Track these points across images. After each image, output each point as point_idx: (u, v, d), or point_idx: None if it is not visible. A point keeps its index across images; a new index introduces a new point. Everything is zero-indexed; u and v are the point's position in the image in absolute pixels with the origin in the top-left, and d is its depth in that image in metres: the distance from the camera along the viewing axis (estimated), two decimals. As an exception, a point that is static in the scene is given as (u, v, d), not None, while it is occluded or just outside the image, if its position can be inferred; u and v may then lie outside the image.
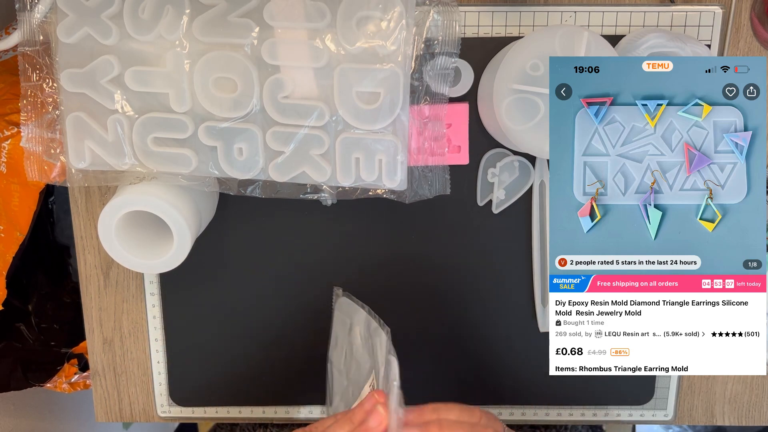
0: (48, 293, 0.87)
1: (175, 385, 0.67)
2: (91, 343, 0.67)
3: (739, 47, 0.59)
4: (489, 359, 0.65)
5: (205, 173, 0.54)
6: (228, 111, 0.52)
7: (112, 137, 0.53)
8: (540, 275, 0.62)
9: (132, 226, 0.55)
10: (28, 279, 0.85)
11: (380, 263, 0.63)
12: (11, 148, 0.69)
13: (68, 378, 0.86)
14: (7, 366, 0.83)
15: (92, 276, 0.65)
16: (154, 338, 0.66)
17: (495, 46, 0.56)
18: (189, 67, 0.51)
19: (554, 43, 0.48)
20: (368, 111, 0.52)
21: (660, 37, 0.52)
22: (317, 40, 0.51)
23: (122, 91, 0.52)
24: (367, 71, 0.51)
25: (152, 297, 0.65)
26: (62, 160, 0.54)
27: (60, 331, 0.86)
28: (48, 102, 0.53)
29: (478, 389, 0.66)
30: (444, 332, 0.64)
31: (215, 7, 0.50)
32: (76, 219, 0.63)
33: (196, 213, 0.55)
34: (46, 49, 0.52)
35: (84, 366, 0.85)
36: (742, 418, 0.68)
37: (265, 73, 0.51)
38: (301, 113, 0.52)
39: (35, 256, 0.84)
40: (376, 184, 0.54)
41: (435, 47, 0.52)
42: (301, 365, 0.66)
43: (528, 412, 0.67)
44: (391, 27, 0.50)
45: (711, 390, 0.67)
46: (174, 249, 0.54)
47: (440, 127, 0.54)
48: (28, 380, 0.84)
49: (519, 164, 0.60)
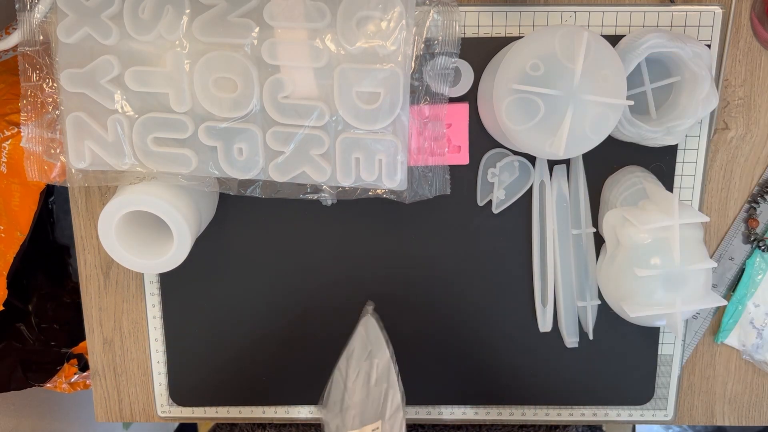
0: (48, 293, 0.87)
1: (175, 385, 0.67)
2: (91, 343, 0.67)
3: (739, 47, 0.59)
4: (489, 359, 0.65)
5: (205, 173, 0.54)
6: (228, 111, 0.52)
7: (112, 137, 0.53)
8: (540, 275, 0.62)
9: (132, 226, 0.55)
10: (28, 279, 0.85)
11: (380, 263, 0.63)
12: (12, 148, 0.69)
13: (68, 378, 0.86)
14: (7, 366, 0.83)
15: (92, 276, 0.65)
16: (154, 338, 0.66)
17: (495, 46, 0.56)
18: (189, 67, 0.51)
19: (554, 43, 0.48)
20: (368, 111, 0.52)
21: (660, 37, 0.52)
22: (317, 40, 0.51)
23: (122, 91, 0.52)
24: (367, 71, 0.51)
25: (152, 297, 0.65)
26: (62, 160, 0.54)
27: (60, 331, 0.86)
28: (48, 102, 0.53)
29: (478, 389, 0.66)
30: (444, 332, 0.64)
31: (215, 7, 0.50)
32: (76, 219, 0.63)
33: (196, 213, 0.55)
34: (46, 49, 0.52)
35: (84, 366, 0.85)
36: (742, 418, 0.68)
37: (265, 73, 0.51)
38: (301, 113, 0.52)
39: (35, 256, 0.84)
40: (376, 184, 0.54)
41: (435, 47, 0.52)
42: (301, 365, 0.66)
43: (528, 412, 0.67)
44: (391, 27, 0.50)
45: (711, 390, 0.67)
46: (174, 249, 0.54)
47: (440, 127, 0.54)
48: (28, 380, 0.84)
49: (519, 164, 0.60)
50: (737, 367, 0.67)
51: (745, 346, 0.65)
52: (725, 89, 0.60)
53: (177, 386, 0.67)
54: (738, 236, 0.63)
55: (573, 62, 0.48)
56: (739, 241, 0.63)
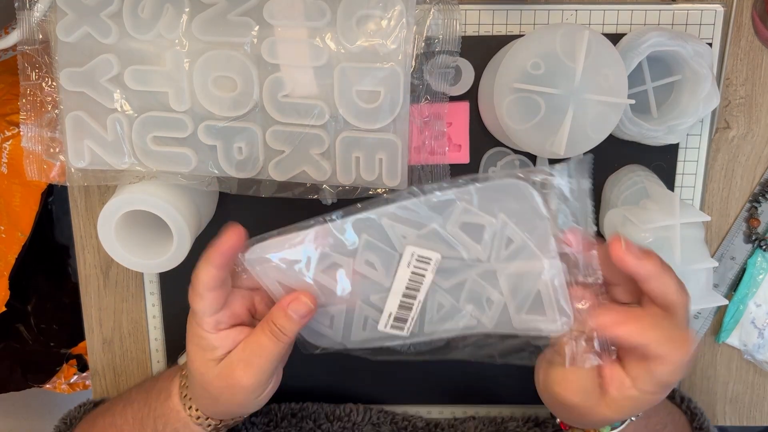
0: (47, 294, 0.87)
1: (174, 386, 0.67)
2: (90, 343, 0.67)
3: (740, 46, 0.58)
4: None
5: (205, 172, 0.53)
6: (227, 110, 0.52)
7: (112, 136, 0.53)
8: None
9: (132, 225, 0.55)
10: (27, 280, 0.85)
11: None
12: (12, 148, 0.69)
13: (67, 379, 0.86)
14: (7, 367, 0.83)
15: (92, 276, 0.65)
16: (154, 338, 0.66)
17: (496, 44, 0.56)
18: (188, 65, 0.51)
19: (555, 42, 0.48)
20: (368, 110, 0.52)
21: (661, 36, 0.51)
22: (317, 39, 0.51)
23: (122, 90, 0.52)
24: (367, 70, 0.51)
25: (152, 297, 0.65)
26: (62, 159, 0.54)
27: (59, 332, 0.86)
28: (47, 101, 0.53)
29: (477, 389, 0.66)
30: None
31: (215, 5, 0.50)
32: (76, 218, 0.63)
33: (196, 212, 0.55)
34: (46, 48, 0.52)
35: (83, 366, 0.85)
36: (743, 418, 0.68)
37: (264, 72, 0.51)
38: (300, 112, 0.52)
39: (35, 256, 0.84)
40: (376, 183, 0.54)
41: (435, 46, 0.52)
42: (300, 364, 0.65)
43: (528, 411, 0.66)
44: (392, 25, 0.50)
45: (712, 390, 0.67)
46: (174, 249, 0.54)
47: (441, 126, 0.54)
48: (28, 381, 0.84)
49: (520, 163, 0.59)
50: (738, 367, 0.67)
51: (746, 346, 0.65)
52: (726, 88, 0.59)
53: (177, 386, 0.67)
54: (739, 235, 0.63)
55: (574, 61, 0.48)
56: (741, 241, 0.63)
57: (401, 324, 0.45)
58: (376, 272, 0.44)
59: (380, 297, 0.45)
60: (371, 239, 0.44)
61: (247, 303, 0.47)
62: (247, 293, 0.47)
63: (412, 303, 0.45)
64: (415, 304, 0.45)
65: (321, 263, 0.44)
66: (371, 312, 0.45)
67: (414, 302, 0.45)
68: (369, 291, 0.45)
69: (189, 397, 0.50)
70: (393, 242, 0.44)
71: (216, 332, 0.45)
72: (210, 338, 0.45)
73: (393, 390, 0.66)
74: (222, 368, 0.45)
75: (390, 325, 0.45)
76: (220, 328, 0.45)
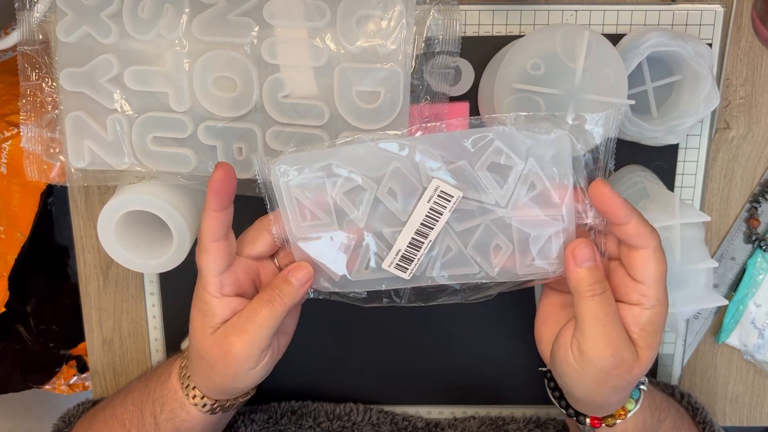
0: (47, 294, 0.87)
1: (174, 386, 0.67)
2: (90, 343, 0.67)
3: (740, 46, 0.59)
4: (489, 359, 0.65)
5: (205, 173, 0.53)
6: (227, 110, 0.52)
7: (112, 136, 0.53)
8: (541, 275, 0.62)
9: (132, 225, 0.55)
10: (26, 280, 0.85)
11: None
12: (12, 149, 0.69)
13: (67, 380, 0.85)
14: (6, 368, 0.83)
15: (91, 276, 0.65)
16: (153, 338, 0.66)
17: (496, 45, 0.56)
18: (188, 66, 0.51)
19: (555, 42, 0.48)
20: (368, 110, 0.52)
21: (661, 36, 0.51)
22: (317, 39, 0.51)
23: (121, 91, 0.52)
24: (367, 70, 0.51)
25: (152, 297, 0.64)
26: (62, 159, 0.54)
27: (59, 333, 0.86)
28: (47, 101, 0.53)
29: (477, 389, 0.66)
30: (443, 331, 0.64)
31: (215, 5, 0.50)
32: (76, 219, 0.63)
33: (196, 213, 0.55)
34: (46, 48, 0.52)
35: (83, 367, 0.85)
36: (743, 418, 0.68)
37: (264, 73, 0.51)
38: (300, 112, 0.52)
39: (34, 257, 0.84)
40: (376, 184, 0.54)
41: (435, 46, 0.52)
42: (300, 364, 0.65)
43: (528, 411, 0.66)
44: (392, 26, 0.50)
45: (712, 390, 0.67)
46: (174, 249, 0.54)
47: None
48: (27, 382, 0.83)
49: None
50: (738, 368, 0.67)
51: (746, 346, 0.65)
52: (726, 88, 0.59)
53: (176, 387, 0.67)
54: (739, 236, 0.63)
55: (574, 61, 0.48)
56: (741, 241, 0.63)
57: (406, 264, 0.46)
58: (396, 204, 0.45)
59: (392, 231, 0.45)
60: (401, 167, 0.44)
61: (252, 274, 0.48)
62: (253, 264, 0.48)
63: (422, 242, 0.45)
64: (426, 243, 0.45)
65: (346, 184, 0.45)
66: (379, 248, 0.46)
67: (425, 241, 0.45)
68: (383, 223, 0.45)
69: (187, 375, 0.50)
70: (420, 175, 0.44)
71: (220, 296, 0.46)
72: (212, 303, 0.46)
73: (393, 390, 0.66)
74: (217, 335, 0.46)
75: (395, 264, 0.46)
76: (223, 293, 0.46)
